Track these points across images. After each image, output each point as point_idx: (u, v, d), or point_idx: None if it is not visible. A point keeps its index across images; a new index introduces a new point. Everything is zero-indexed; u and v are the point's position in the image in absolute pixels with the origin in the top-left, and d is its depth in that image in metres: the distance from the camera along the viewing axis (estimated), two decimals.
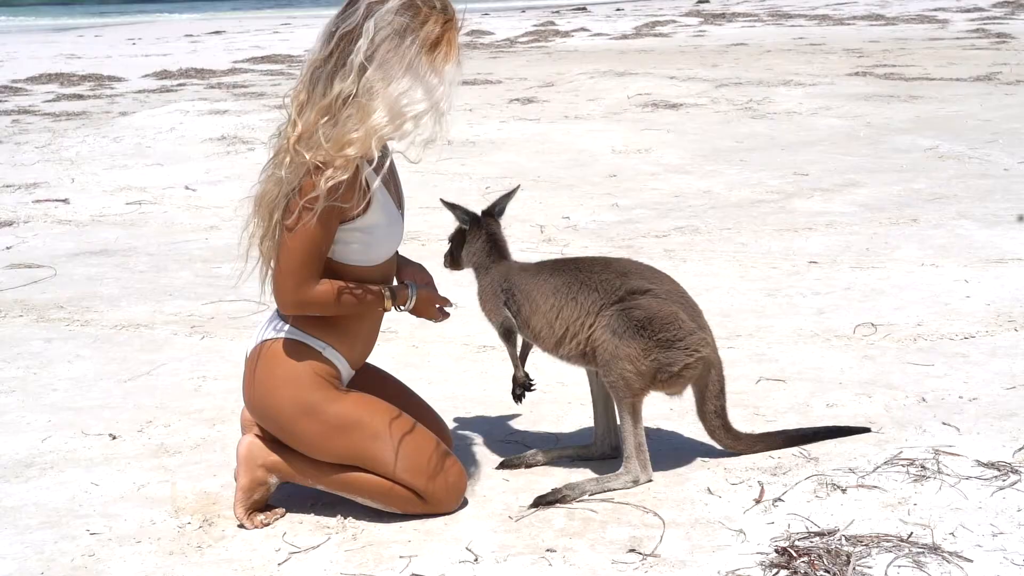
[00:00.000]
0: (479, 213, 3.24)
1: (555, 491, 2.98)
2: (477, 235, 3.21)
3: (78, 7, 44.40)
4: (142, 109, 11.35)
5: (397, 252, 3.06)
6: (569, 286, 3.04)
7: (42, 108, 12.29)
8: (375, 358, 3.46)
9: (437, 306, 3.08)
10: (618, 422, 3.08)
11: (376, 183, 2.81)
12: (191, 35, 24.17)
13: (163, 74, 15.49)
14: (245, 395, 2.97)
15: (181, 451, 3.44)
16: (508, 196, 3.29)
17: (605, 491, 2.99)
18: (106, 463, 3.36)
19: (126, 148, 9.16)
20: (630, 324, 2.96)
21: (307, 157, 2.68)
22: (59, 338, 4.59)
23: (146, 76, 15.43)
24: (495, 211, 3.26)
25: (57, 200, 7.35)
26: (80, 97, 13.33)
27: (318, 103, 2.70)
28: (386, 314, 3.06)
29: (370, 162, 2.76)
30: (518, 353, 3.24)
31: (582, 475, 3.11)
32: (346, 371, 2.97)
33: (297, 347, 2.89)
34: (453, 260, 3.27)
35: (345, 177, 2.71)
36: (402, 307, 2.99)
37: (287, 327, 2.90)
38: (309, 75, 2.74)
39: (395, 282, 3.07)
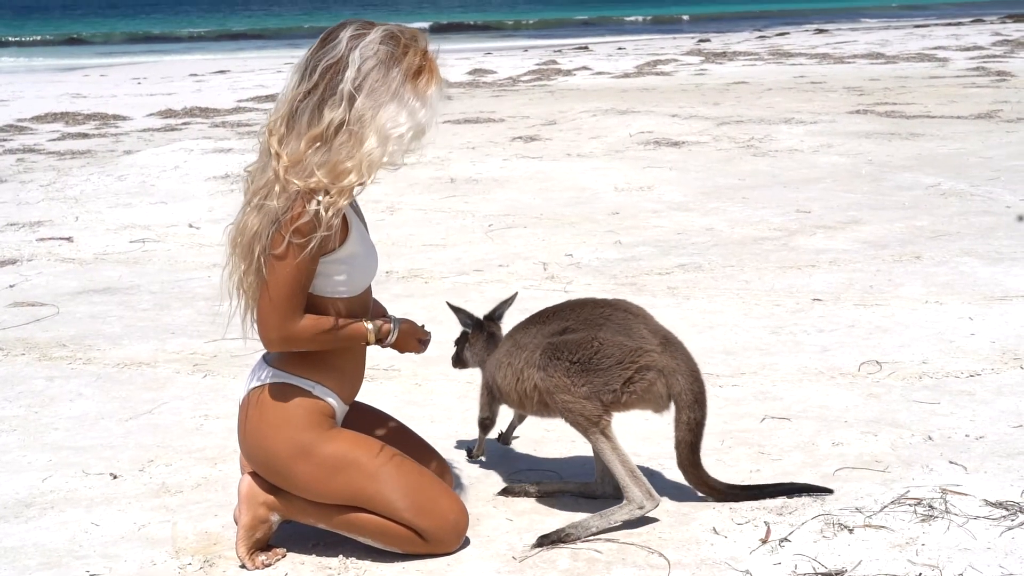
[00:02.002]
0: (481, 318, 3.45)
1: (559, 531, 2.95)
2: (479, 337, 3.44)
3: (84, 47, 44.75)
4: (146, 148, 11.40)
5: None
6: (507, 353, 3.21)
7: (47, 147, 12.34)
8: (377, 397, 3.44)
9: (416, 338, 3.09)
10: (595, 456, 3.08)
11: (353, 214, 2.86)
12: (196, 74, 24.31)
13: (168, 113, 15.55)
14: (241, 445, 2.95)
15: (182, 490, 3.42)
16: (507, 303, 3.50)
17: (611, 525, 2.96)
18: (107, 503, 3.34)
19: (130, 186, 9.19)
20: (545, 357, 3.04)
21: (299, 185, 2.68)
22: (61, 376, 4.58)
23: (151, 115, 15.50)
24: (495, 315, 3.46)
25: (61, 238, 7.37)
26: (85, 136, 13.39)
27: (306, 133, 2.71)
28: (383, 350, 3.05)
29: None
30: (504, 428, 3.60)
31: (586, 514, 3.08)
32: (339, 406, 2.95)
33: (285, 389, 2.87)
34: (459, 360, 3.52)
35: (345, 203, 2.73)
36: (384, 341, 2.98)
37: (272, 371, 2.89)
38: (289, 108, 2.74)
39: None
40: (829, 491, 3.12)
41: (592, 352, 2.99)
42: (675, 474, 3.22)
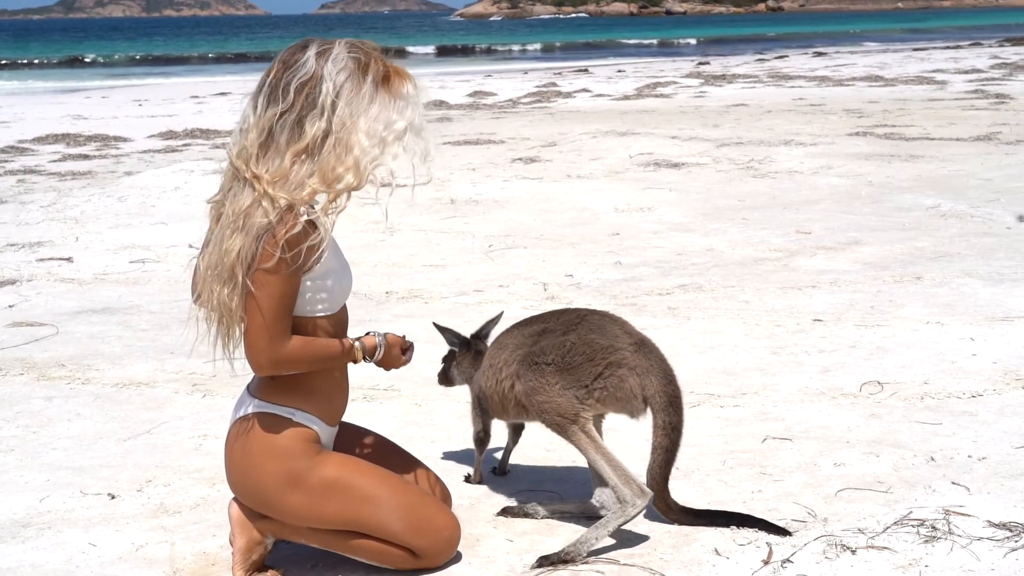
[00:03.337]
0: (468, 336, 3.50)
1: (560, 551, 2.93)
2: (466, 355, 3.49)
3: (86, 69, 44.98)
4: (147, 169, 11.42)
5: None
6: (489, 355, 3.29)
7: (48, 168, 12.36)
8: (377, 418, 3.42)
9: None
10: (589, 466, 3.06)
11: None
12: (197, 96, 24.39)
13: (168, 134, 15.59)
14: (228, 480, 2.92)
15: (180, 511, 3.40)
16: (493, 322, 3.54)
17: (609, 533, 2.94)
18: (104, 523, 3.32)
19: (130, 207, 9.20)
20: (522, 367, 3.09)
21: (288, 198, 2.67)
22: (60, 396, 4.57)
23: (152, 136, 15.54)
24: (482, 334, 3.51)
25: (61, 259, 7.36)
26: (86, 157, 13.42)
27: (287, 149, 2.69)
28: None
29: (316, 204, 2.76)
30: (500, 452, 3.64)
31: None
32: (324, 431, 2.90)
33: (266, 420, 2.82)
34: (447, 377, 3.57)
35: (342, 208, 2.74)
36: (369, 358, 2.96)
37: (253, 402, 2.85)
38: (262, 131, 2.71)
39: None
40: (788, 533, 2.99)
41: (564, 351, 3.03)
42: (678, 495, 3.21)
